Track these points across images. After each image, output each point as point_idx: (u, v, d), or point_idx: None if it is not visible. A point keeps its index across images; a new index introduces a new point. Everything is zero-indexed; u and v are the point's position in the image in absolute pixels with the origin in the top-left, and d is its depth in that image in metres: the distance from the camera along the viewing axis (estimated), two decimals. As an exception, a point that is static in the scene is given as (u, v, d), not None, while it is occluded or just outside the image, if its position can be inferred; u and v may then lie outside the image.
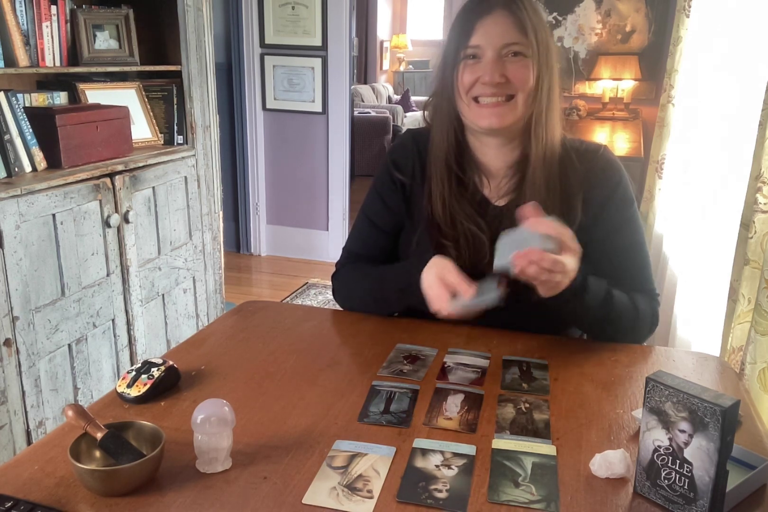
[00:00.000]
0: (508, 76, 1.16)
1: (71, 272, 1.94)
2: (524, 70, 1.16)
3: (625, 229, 1.26)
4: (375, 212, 1.37)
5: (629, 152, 3.45)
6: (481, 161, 1.28)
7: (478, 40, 1.16)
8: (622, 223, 1.25)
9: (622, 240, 1.26)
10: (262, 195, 4.24)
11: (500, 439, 0.91)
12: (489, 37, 1.15)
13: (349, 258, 1.40)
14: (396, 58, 9.56)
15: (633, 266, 1.27)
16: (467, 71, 1.18)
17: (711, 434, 0.72)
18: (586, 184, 1.24)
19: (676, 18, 2.70)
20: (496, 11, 1.16)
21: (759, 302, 1.49)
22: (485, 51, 1.16)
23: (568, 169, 1.23)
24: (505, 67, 1.16)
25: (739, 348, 1.69)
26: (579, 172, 1.24)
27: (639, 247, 1.27)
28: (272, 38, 3.92)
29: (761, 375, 1.48)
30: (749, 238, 1.64)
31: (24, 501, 0.76)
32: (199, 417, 0.82)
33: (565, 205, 1.22)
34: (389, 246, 1.37)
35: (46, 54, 2.09)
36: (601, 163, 1.25)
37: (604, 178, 1.25)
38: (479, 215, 1.26)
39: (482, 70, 1.16)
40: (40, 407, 1.89)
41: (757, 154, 1.63)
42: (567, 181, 1.23)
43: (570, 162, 1.24)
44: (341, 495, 0.79)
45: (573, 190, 1.23)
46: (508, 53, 1.16)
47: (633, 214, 1.27)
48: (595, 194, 1.24)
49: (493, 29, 1.15)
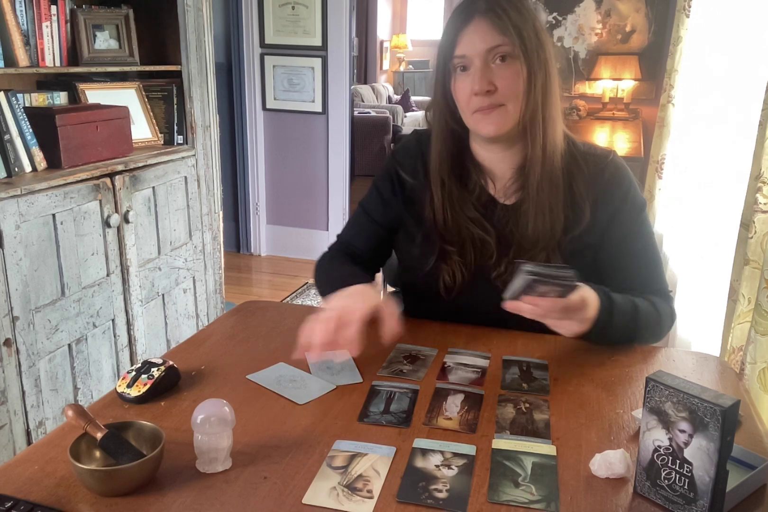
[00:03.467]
0: (497, 83, 1.15)
1: (71, 272, 1.94)
2: (513, 77, 1.15)
3: (637, 233, 1.26)
4: (372, 205, 1.38)
5: (629, 152, 3.45)
6: (486, 165, 1.28)
7: (462, 49, 1.16)
8: (633, 228, 1.26)
9: (635, 244, 1.26)
10: (262, 195, 4.24)
11: (500, 439, 0.91)
12: (472, 45, 1.15)
13: (340, 244, 1.41)
14: (396, 58, 9.56)
15: (647, 269, 1.28)
16: (459, 84, 1.18)
17: (711, 434, 0.72)
18: (594, 188, 1.23)
19: (676, 18, 2.70)
20: (475, 19, 1.15)
21: (759, 302, 1.49)
22: (472, 60, 1.15)
23: (575, 169, 1.24)
24: (493, 74, 1.15)
25: (739, 348, 1.69)
26: (586, 174, 1.24)
27: (651, 249, 1.28)
28: (272, 38, 3.92)
29: (761, 375, 1.48)
30: (749, 238, 1.64)
31: (24, 501, 0.76)
32: (199, 417, 0.82)
33: (572, 205, 1.22)
34: (381, 238, 1.38)
35: (46, 54, 2.09)
36: (611, 169, 1.25)
37: (615, 184, 1.25)
38: (485, 216, 1.26)
39: (471, 82, 1.16)
40: (40, 407, 1.89)
41: (757, 154, 1.63)
42: (574, 181, 1.23)
43: (576, 163, 1.24)
44: (341, 495, 0.79)
45: (580, 191, 1.23)
46: (495, 58, 1.15)
47: (644, 218, 1.28)
48: (605, 201, 1.24)
49: (475, 36, 1.15)
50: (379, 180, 1.37)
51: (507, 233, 1.25)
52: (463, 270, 1.25)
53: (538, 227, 1.22)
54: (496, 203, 1.28)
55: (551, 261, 1.21)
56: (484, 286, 1.24)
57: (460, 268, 1.25)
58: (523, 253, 1.22)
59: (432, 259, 1.26)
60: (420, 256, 1.29)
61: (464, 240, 1.25)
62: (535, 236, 1.22)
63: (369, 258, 1.39)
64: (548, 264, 1.01)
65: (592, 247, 1.25)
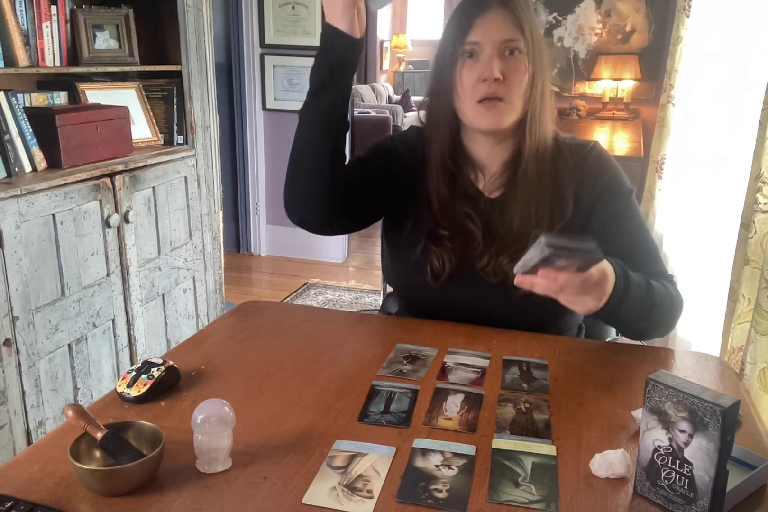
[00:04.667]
0: (505, 74, 1.16)
1: (71, 272, 1.94)
2: (520, 71, 1.17)
3: (622, 216, 1.25)
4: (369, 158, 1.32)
5: (629, 152, 3.45)
6: (476, 158, 1.29)
7: (476, 36, 1.16)
8: (618, 211, 1.25)
9: (623, 227, 1.25)
10: (262, 195, 4.24)
11: (500, 439, 0.91)
12: (488, 33, 1.15)
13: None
14: (396, 58, 9.56)
15: (639, 250, 1.25)
16: (466, 70, 1.18)
17: (711, 434, 0.72)
18: (576, 177, 1.25)
19: (676, 18, 2.70)
20: (494, 8, 1.16)
21: (759, 302, 1.49)
22: (483, 47, 1.16)
23: (560, 163, 1.25)
24: (502, 64, 1.16)
25: (739, 348, 1.69)
26: (570, 166, 1.25)
27: (641, 230, 1.26)
28: (272, 38, 3.92)
29: (761, 375, 1.49)
30: (749, 238, 1.64)
31: (24, 501, 0.76)
32: (199, 417, 0.82)
33: (556, 198, 1.23)
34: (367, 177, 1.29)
35: (46, 54, 2.09)
36: (592, 157, 1.26)
37: (596, 171, 1.26)
38: (471, 209, 1.27)
39: (482, 67, 1.16)
40: (40, 407, 1.89)
41: (757, 154, 1.63)
42: (558, 175, 1.24)
43: (561, 157, 1.26)
44: (341, 495, 0.79)
45: (564, 183, 1.24)
46: (505, 50, 1.16)
47: (629, 203, 1.26)
48: (587, 187, 1.25)
49: (492, 25, 1.16)
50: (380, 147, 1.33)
51: (491, 226, 1.26)
52: (451, 257, 1.24)
53: (524, 223, 1.22)
54: (481, 196, 1.28)
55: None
56: (470, 278, 1.24)
57: (449, 255, 1.24)
58: (507, 248, 1.22)
59: (419, 247, 1.26)
60: (408, 245, 1.28)
61: (456, 228, 1.25)
62: (520, 232, 1.21)
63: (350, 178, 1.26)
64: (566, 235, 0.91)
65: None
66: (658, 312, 1.16)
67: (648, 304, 1.13)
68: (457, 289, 1.26)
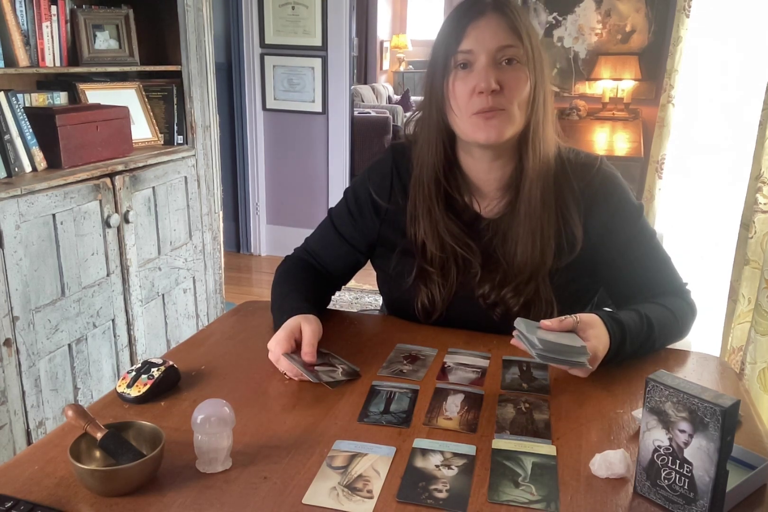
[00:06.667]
0: (503, 85, 1.07)
1: (71, 272, 1.94)
2: (520, 81, 1.09)
3: (637, 240, 1.21)
4: (342, 224, 1.30)
5: (629, 152, 3.44)
6: (472, 178, 1.21)
7: (469, 44, 1.08)
8: (632, 236, 1.20)
9: (637, 251, 1.20)
10: (262, 195, 4.24)
11: (500, 439, 0.91)
12: (482, 40, 1.07)
13: (307, 253, 1.34)
14: (396, 58, 9.56)
15: (656, 272, 1.22)
16: (459, 82, 1.10)
17: (711, 434, 0.72)
18: (585, 201, 1.18)
19: (676, 18, 2.70)
20: (488, 14, 1.08)
21: (759, 302, 1.49)
22: (478, 56, 1.08)
23: (563, 183, 1.17)
24: (499, 74, 1.08)
25: (739, 348, 1.69)
26: (575, 187, 1.18)
27: (657, 251, 1.23)
28: (272, 38, 3.92)
29: (761, 375, 1.49)
30: (749, 238, 1.64)
31: (24, 501, 0.76)
32: (199, 417, 0.82)
33: (561, 220, 1.17)
34: (350, 255, 1.31)
35: (46, 54, 2.09)
36: (598, 181, 1.19)
37: (605, 195, 1.19)
38: (468, 234, 1.20)
39: (476, 78, 1.08)
40: (40, 407, 1.89)
41: (757, 154, 1.63)
42: (562, 196, 1.17)
43: (565, 176, 1.18)
44: (341, 495, 0.79)
45: (569, 204, 1.17)
46: (502, 59, 1.08)
47: (642, 225, 1.22)
48: (597, 213, 1.18)
49: (486, 32, 1.07)
50: (353, 200, 1.29)
51: (491, 251, 1.19)
52: (442, 291, 1.19)
53: (527, 250, 1.15)
54: (480, 218, 1.21)
55: (540, 292, 1.17)
56: (467, 305, 1.21)
57: (439, 290, 1.19)
58: (509, 279, 1.17)
59: (410, 280, 1.21)
60: (396, 277, 1.24)
61: (446, 258, 1.19)
62: (524, 260, 1.16)
63: (335, 274, 1.33)
64: (555, 333, 1.00)
65: (586, 268, 1.20)
66: (662, 342, 1.18)
67: (650, 342, 1.14)
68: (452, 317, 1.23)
